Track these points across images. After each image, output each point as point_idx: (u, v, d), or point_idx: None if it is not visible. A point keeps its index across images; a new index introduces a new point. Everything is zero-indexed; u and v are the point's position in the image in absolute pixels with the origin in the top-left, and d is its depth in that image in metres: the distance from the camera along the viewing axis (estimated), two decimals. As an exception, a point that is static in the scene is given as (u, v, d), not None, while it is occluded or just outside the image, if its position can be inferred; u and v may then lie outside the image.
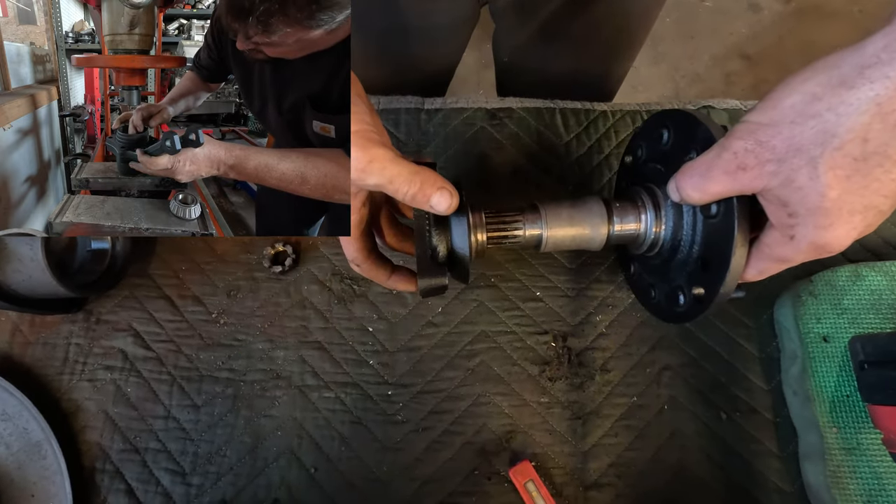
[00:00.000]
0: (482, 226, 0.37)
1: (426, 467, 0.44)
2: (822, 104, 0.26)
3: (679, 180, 0.33)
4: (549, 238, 0.38)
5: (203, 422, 0.45)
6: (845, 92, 0.25)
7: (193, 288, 0.50)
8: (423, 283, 0.34)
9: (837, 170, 0.26)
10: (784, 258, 0.30)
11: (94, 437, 0.45)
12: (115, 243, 0.48)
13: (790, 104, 0.27)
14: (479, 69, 1.58)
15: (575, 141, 0.55)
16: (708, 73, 1.57)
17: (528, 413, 0.46)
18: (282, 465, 0.44)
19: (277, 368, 0.47)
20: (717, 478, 0.44)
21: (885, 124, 0.25)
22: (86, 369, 0.47)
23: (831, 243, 0.28)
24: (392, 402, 0.46)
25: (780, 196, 0.28)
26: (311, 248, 0.51)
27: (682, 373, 0.47)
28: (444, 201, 0.32)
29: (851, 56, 0.26)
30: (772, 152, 0.28)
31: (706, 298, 0.33)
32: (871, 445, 0.41)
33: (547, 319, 0.48)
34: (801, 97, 0.27)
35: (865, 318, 0.44)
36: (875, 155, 0.25)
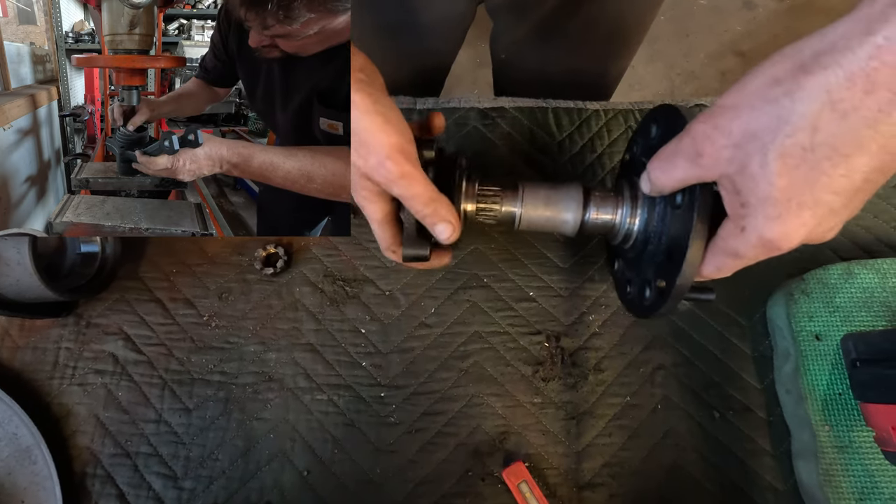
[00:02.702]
0: (473, 196, 0.38)
1: (420, 469, 0.44)
2: (780, 89, 0.25)
3: (648, 168, 0.32)
4: (524, 216, 0.38)
5: (195, 425, 0.45)
6: (803, 77, 0.24)
7: (184, 290, 0.49)
8: (407, 251, 0.36)
9: (787, 158, 0.25)
10: (735, 252, 0.29)
11: (85, 442, 0.45)
12: (104, 246, 0.48)
13: (753, 87, 0.26)
14: (475, 67, 1.58)
15: (568, 140, 0.55)
16: (703, 70, 1.57)
17: (522, 414, 0.46)
18: (274, 469, 0.44)
19: (269, 371, 0.47)
20: (710, 477, 0.44)
21: (834, 114, 0.23)
22: (76, 373, 0.47)
23: (779, 238, 0.26)
24: (385, 403, 0.46)
25: (734, 183, 0.27)
26: (302, 250, 0.51)
27: (675, 372, 0.47)
28: (446, 232, 0.34)
29: (814, 41, 0.25)
30: (728, 137, 0.26)
31: (666, 291, 0.33)
32: (863, 443, 0.41)
33: (540, 319, 0.48)
34: (764, 81, 0.26)
35: (857, 315, 0.44)
36: (823, 146, 0.24)
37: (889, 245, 0.49)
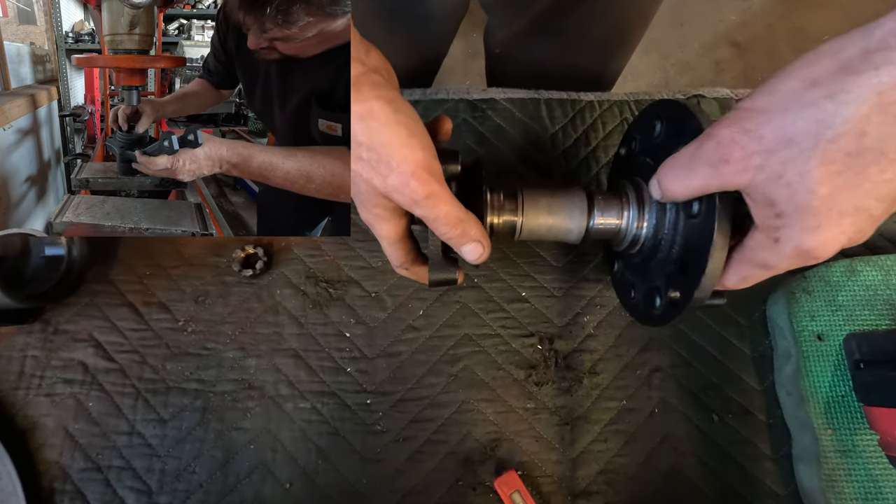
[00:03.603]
0: (498, 209, 0.35)
1: (408, 479, 0.42)
2: (820, 91, 0.23)
3: (660, 174, 0.30)
4: (525, 226, 0.36)
5: (170, 437, 0.43)
6: (847, 78, 0.23)
7: (159, 294, 0.47)
8: (434, 276, 0.34)
9: (830, 165, 0.23)
10: (767, 264, 0.28)
11: (53, 456, 0.42)
12: (71, 248, 0.45)
13: (787, 90, 0.24)
14: (467, 59, 1.55)
15: (561, 133, 0.52)
16: (698, 61, 1.55)
17: (514, 420, 0.44)
18: (255, 481, 0.42)
19: (249, 378, 0.45)
20: (709, 482, 0.43)
21: (885, 117, 0.22)
22: (43, 383, 0.44)
23: (817, 248, 0.25)
24: (371, 411, 0.44)
25: (766, 193, 0.25)
26: (283, 250, 0.48)
27: (673, 374, 0.45)
28: (475, 253, 0.32)
29: (859, 38, 0.23)
30: (759, 143, 0.25)
31: (681, 303, 0.31)
32: (867, 447, 0.39)
33: (533, 321, 0.46)
34: (800, 83, 0.24)
35: (861, 314, 0.42)
36: (870, 151, 0.23)
37: (893, 241, 0.48)
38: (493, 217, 0.35)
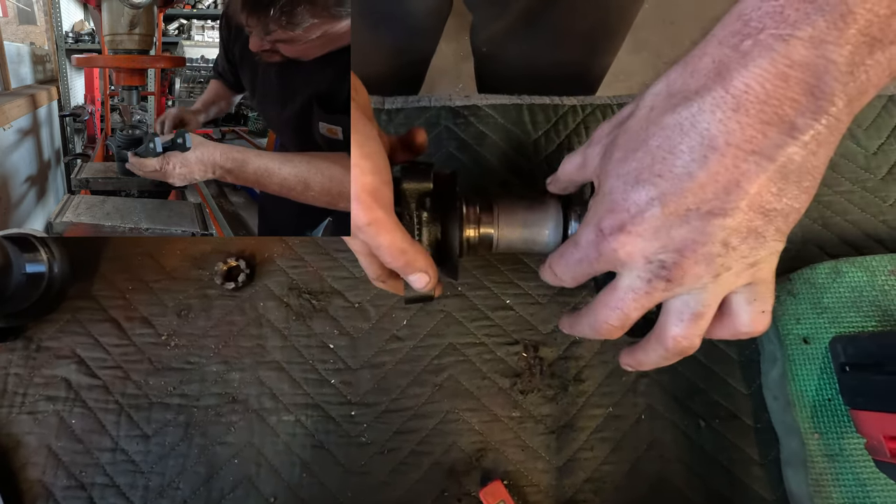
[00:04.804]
0: (473, 221, 0.35)
1: (392, 491, 0.42)
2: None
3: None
4: (501, 239, 0.36)
5: (154, 452, 0.43)
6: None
7: (141, 308, 0.47)
8: (409, 293, 0.34)
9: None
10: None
11: (36, 475, 0.42)
12: (52, 265, 0.45)
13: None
14: (458, 62, 1.55)
15: (544, 138, 0.52)
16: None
17: (500, 429, 0.43)
18: (239, 496, 0.42)
19: (233, 392, 0.44)
20: (696, 488, 0.42)
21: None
22: (26, 401, 0.44)
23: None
24: (355, 422, 0.44)
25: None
26: (266, 262, 0.48)
27: (659, 379, 0.45)
28: (421, 282, 0.32)
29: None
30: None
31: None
32: (854, 451, 0.39)
33: (518, 329, 0.46)
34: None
35: (846, 316, 0.42)
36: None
37: (877, 240, 0.47)
38: (469, 230, 0.35)
